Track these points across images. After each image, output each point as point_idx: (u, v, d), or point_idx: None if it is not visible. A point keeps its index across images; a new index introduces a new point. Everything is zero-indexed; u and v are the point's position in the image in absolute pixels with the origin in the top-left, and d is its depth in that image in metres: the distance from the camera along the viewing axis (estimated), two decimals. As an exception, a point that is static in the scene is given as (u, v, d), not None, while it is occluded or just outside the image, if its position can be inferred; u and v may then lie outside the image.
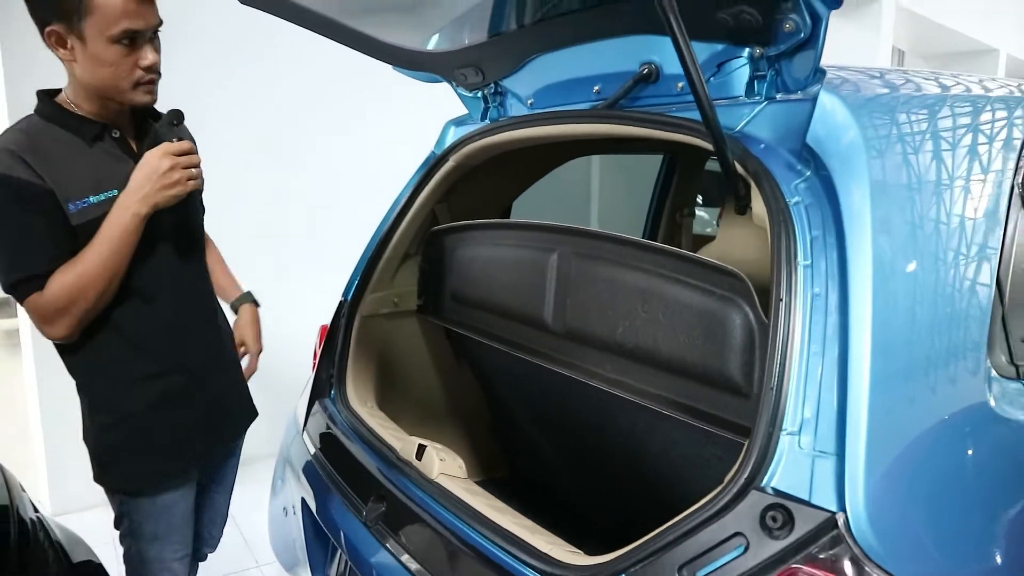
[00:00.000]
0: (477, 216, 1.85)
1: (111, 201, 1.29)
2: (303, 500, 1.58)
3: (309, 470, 1.55)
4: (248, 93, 3.23)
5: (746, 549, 0.79)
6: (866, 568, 0.73)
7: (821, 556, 0.74)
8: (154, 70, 1.30)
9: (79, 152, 1.31)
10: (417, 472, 1.27)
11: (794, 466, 0.80)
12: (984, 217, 0.97)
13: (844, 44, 7.07)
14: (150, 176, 1.26)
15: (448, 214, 1.85)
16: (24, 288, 1.27)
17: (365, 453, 1.41)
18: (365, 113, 3.65)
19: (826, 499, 0.77)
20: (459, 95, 1.77)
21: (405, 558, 1.14)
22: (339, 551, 1.46)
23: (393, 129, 3.67)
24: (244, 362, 1.66)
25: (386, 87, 3.05)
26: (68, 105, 1.31)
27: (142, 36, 1.26)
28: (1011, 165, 1.07)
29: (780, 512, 0.78)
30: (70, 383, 1.41)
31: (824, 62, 1.03)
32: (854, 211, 0.86)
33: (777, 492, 0.80)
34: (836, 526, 0.75)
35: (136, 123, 1.39)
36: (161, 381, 1.39)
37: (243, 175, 3.23)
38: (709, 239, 1.81)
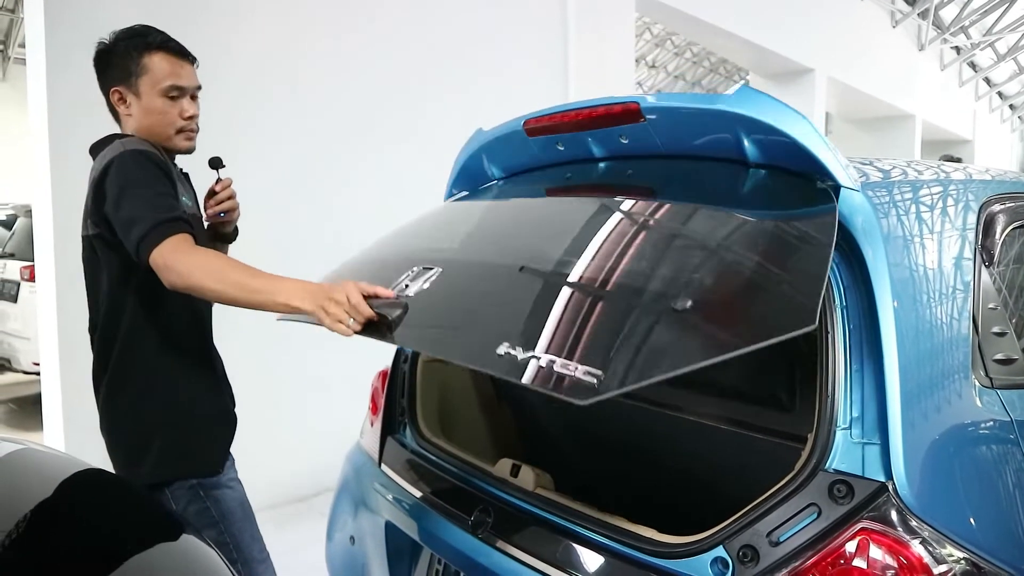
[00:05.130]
0: None
1: (189, 209, 1.60)
2: (387, 523, 1.79)
3: (397, 495, 1.77)
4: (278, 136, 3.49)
5: (819, 514, 1.08)
6: (908, 518, 1.03)
7: (878, 512, 1.04)
8: (194, 121, 1.63)
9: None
10: (515, 487, 1.51)
11: (848, 452, 1.11)
12: (962, 266, 1.32)
13: (783, 111, 7.76)
14: (331, 292, 1.30)
15: None
16: (168, 227, 1.40)
17: (459, 474, 1.65)
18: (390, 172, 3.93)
19: (876, 473, 1.07)
20: None
21: (523, 557, 1.37)
22: (428, 565, 1.68)
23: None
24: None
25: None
26: None
27: (184, 92, 1.60)
28: (972, 228, 1.43)
29: (843, 485, 1.08)
30: (103, 445, 1.60)
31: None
32: (875, 266, 1.19)
33: (838, 471, 1.10)
34: (887, 490, 1.05)
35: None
36: (212, 372, 1.69)
37: (282, 220, 3.46)
38: None
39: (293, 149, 3.55)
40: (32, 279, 5.08)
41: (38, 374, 3.73)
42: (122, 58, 1.57)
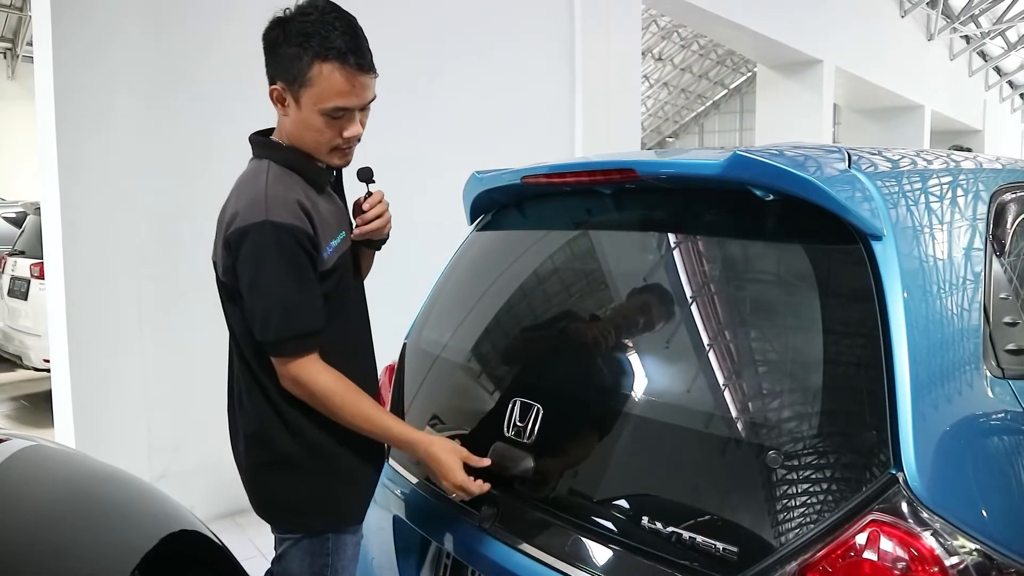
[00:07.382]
0: None
1: (341, 244, 1.44)
2: (395, 518, 1.80)
3: (405, 490, 1.78)
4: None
5: (830, 506, 1.08)
6: (919, 509, 1.03)
7: (888, 504, 1.04)
8: (354, 139, 1.42)
9: (317, 197, 1.42)
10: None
11: (859, 444, 1.10)
12: (972, 256, 1.31)
13: (792, 101, 7.73)
14: (451, 465, 1.43)
15: None
16: (304, 343, 1.34)
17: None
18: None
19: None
20: None
21: (531, 551, 1.36)
22: (436, 560, 1.68)
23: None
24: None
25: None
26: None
27: (351, 112, 1.38)
28: (982, 217, 1.42)
29: None
30: (112, 442, 1.55)
31: (777, 116, 1.37)
32: (884, 256, 1.18)
33: None
34: (897, 482, 1.04)
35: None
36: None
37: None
38: None
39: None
40: (42, 276, 5.12)
41: (49, 371, 3.76)
42: (291, 55, 1.33)
